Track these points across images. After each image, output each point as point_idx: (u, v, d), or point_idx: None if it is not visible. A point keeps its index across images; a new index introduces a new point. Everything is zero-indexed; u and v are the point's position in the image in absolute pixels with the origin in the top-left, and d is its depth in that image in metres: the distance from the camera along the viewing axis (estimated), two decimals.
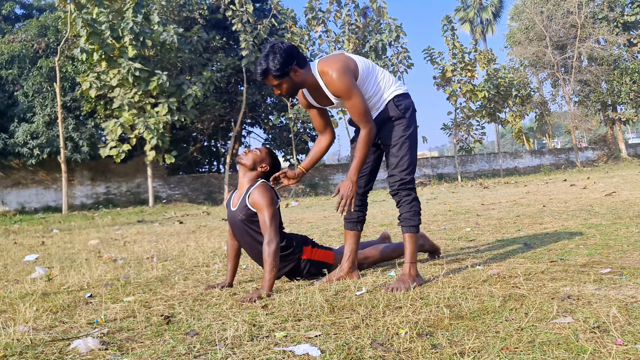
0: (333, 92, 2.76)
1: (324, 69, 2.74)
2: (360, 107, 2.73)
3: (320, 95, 2.87)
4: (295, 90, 2.83)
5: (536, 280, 2.56)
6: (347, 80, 2.70)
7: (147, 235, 7.93)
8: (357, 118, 2.75)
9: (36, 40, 20.67)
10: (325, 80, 2.76)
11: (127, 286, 3.43)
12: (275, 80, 2.73)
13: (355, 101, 2.72)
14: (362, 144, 2.76)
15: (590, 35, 29.47)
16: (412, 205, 2.83)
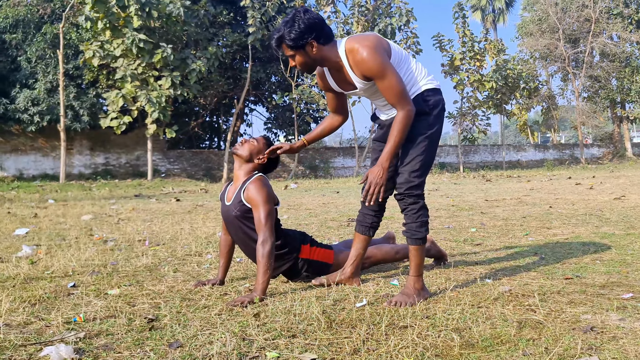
0: (363, 72, 2.46)
1: (353, 46, 2.46)
2: (397, 86, 2.44)
3: (342, 78, 2.60)
4: (311, 67, 2.57)
5: (552, 303, 2.36)
6: (379, 57, 2.42)
7: (142, 213, 7.75)
8: (395, 99, 2.45)
9: (42, 6, 20.25)
10: (353, 60, 2.47)
11: (114, 275, 3.25)
12: (289, 51, 2.51)
13: (391, 80, 2.43)
14: (399, 127, 2.45)
15: (604, 31, 29.01)
16: (419, 215, 2.57)
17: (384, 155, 2.49)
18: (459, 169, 24.99)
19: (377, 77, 2.44)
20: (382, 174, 2.48)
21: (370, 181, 2.49)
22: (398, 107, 2.46)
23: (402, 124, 2.46)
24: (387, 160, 2.48)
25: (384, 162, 2.49)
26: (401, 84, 2.45)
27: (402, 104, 2.46)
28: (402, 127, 2.46)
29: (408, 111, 2.46)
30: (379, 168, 2.49)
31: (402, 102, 2.46)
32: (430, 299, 2.50)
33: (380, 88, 2.47)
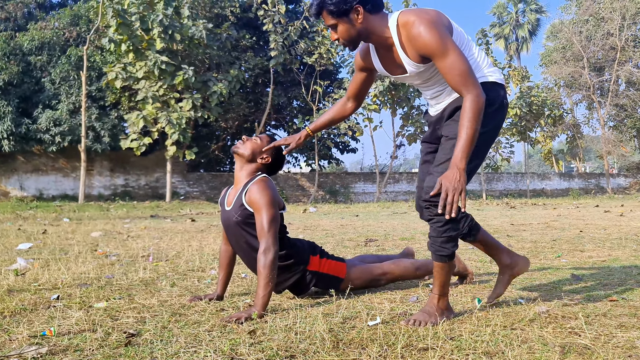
0: (419, 49, 2.07)
1: (408, 19, 2.08)
2: (462, 65, 2.03)
3: (391, 59, 2.21)
4: (355, 40, 2.17)
5: (599, 326, 2.01)
6: (439, 31, 2.04)
7: (153, 231, 7.52)
8: (459, 79, 2.04)
9: (68, 29, 20.63)
10: (406, 35, 2.08)
11: (106, 288, 2.98)
12: (330, 19, 2.12)
13: (454, 58, 2.03)
14: (469, 115, 2.01)
15: (630, 59, 28.48)
16: (446, 230, 2.13)
17: (457, 154, 2.02)
18: (481, 196, 24.44)
19: (436, 54, 2.05)
20: (460, 177, 2.00)
21: (447, 188, 1.99)
22: (464, 90, 2.04)
23: (472, 110, 2.02)
24: (462, 159, 2.01)
25: (459, 162, 2.01)
26: (467, 63, 2.05)
27: (468, 87, 2.04)
28: (473, 115, 2.02)
29: (477, 96, 2.03)
30: (454, 170, 2.01)
31: (469, 84, 2.04)
32: (454, 320, 2.16)
33: (441, 68, 2.07)
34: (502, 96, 2.22)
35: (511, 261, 2.50)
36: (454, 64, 2.04)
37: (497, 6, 45.18)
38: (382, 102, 21.05)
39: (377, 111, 21.09)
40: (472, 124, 2.02)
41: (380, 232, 6.79)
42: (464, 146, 2.02)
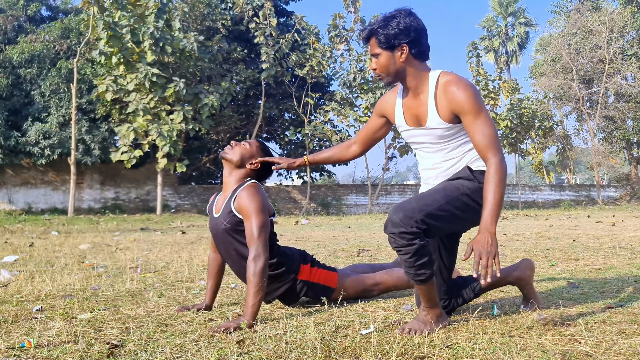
0: (453, 106, 2.09)
1: (450, 77, 2.14)
2: (491, 128, 2.07)
3: (414, 108, 2.22)
4: (391, 76, 2.18)
5: (599, 333, 1.95)
6: (477, 93, 2.10)
7: (142, 243, 7.41)
8: (487, 141, 2.05)
9: (58, 42, 20.55)
10: (444, 91, 2.12)
11: (91, 299, 2.89)
12: (376, 48, 2.16)
13: (486, 119, 2.07)
14: (495, 179, 2.00)
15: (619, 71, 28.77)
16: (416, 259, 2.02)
17: (486, 219, 1.98)
18: None
19: (471, 112, 2.07)
20: (491, 241, 1.94)
21: (480, 252, 1.93)
22: (490, 152, 2.05)
23: (498, 174, 2.02)
24: (492, 223, 1.98)
25: (489, 227, 1.97)
26: (495, 129, 2.09)
27: (495, 150, 2.05)
28: (499, 179, 2.02)
29: (502, 160, 2.04)
30: (485, 235, 1.95)
31: (495, 147, 2.05)
32: (451, 327, 2.10)
33: (472, 127, 2.08)
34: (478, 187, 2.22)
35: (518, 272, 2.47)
36: (485, 124, 2.07)
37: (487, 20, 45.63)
38: None
39: None
40: (499, 188, 2.01)
41: (373, 242, 6.72)
42: (493, 210, 1.99)
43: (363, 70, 21.12)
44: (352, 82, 20.93)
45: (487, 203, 2.00)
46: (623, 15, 27.15)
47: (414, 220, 1.99)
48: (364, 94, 20.87)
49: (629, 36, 28.62)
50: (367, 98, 20.50)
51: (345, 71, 21.63)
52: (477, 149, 2.09)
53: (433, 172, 2.28)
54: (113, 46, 17.14)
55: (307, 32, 21.60)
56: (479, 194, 2.09)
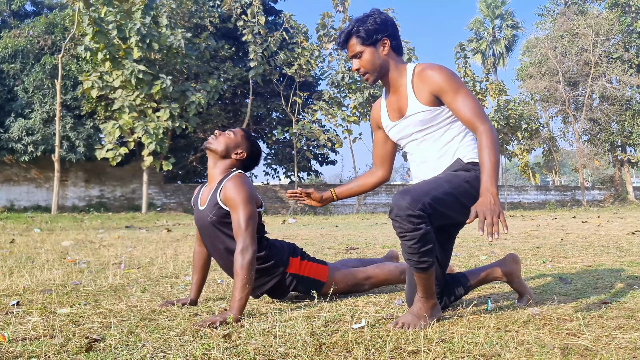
0: (431, 87, 2.11)
1: (426, 65, 2.18)
2: (473, 100, 2.09)
3: (395, 103, 2.25)
4: (377, 71, 2.21)
5: (597, 327, 1.90)
6: (452, 72, 2.13)
7: (127, 241, 7.28)
8: (473, 112, 2.06)
9: (42, 37, 20.23)
10: (419, 77, 2.15)
11: (71, 294, 2.78)
12: (359, 46, 2.19)
13: (466, 93, 2.09)
14: (489, 145, 2.00)
15: (604, 74, 29.04)
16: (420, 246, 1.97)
17: (487, 180, 1.96)
18: None
19: (449, 90, 2.09)
20: (494, 200, 1.90)
21: (484, 212, 1.88)
22: (478, 121, 2.06)
23: (489, 140, 2.02)
24: (491, 184, 1.95)
25: (490, 187, 1.94)
26: (477, 101, 2.10)
27: (482, 119, 2.06)
28: (491, 144, 2.01)
29: (491, 128, 2.04)
30: (487, 196, 1.91)
31: (482, 117, 2.07)
32: (445, 322, 2.03)
33: (454, 103, 2.09)
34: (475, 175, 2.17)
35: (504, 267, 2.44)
36: (466, 98, 2.09)
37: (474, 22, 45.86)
38: (362, 114, 21.05)
39: (357, 123, 21.07)
40: (493, 151, 2.01)
41: (361, 240, 6.66)
42: (491, 173, 1.98)
43: (351, 69, 21.08)
44: (340, 82, 20.87)
45: (484, 167, 1.99)
46: (609, 18, 27.43)
47: (421, 202, 1.95)
48: (352, 93, 20.82)
49: (614, 40, 28.91)
50: (355, 98, 20.46)
51: (334, 70, 21.59)
52: (464, 122, 2.09)
53: (424, 166, 2.25)
54: (99, 42, 16.91)
55: (296, 31, 21.51)
56: (478, 182, 2.04)
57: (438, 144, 2.20)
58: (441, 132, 2.19)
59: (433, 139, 2.20)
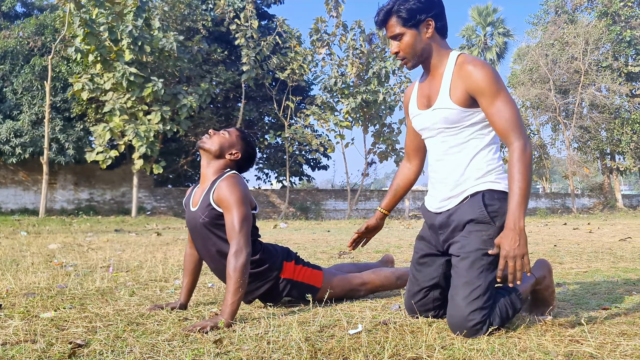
0: (469, 85, 1.91)
1: (467, 58, 1.96)
2: (513, 109, 1.88)
3: (427, 89, 2.05)
4: (417, 56, 2.00)
5: (600, 334, 1.85)
6: (496, 73, 1.91)
7: (116, 244, 7.17)
8: (509, 124, 1.86)
9: (32, 38, 20.04)
10: (460, 70, 1.94)
11: (57, 297, 2.69)
12: (398, 27, 1.97)
13: (506, 99, 1.87)
14: (521, 167, 1.82)
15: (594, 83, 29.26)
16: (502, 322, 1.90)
17: (513, 213, 1.80)
18: None
19: (488, 93, 1.88)
20: (520, 239, 1.77)
21: (507, 254, 1.77)
22: (513, 135, 1.86)
23: (523, 161, 1.83)
24: (519, 218, 1.79)
25: (517, 222, 1.79)
26: (517, 110, 1.89)
27: (518, 133, 1.86)
28: (524, 166, 1.83)
29: (526, 145, 1.85)
30: (513, 232, 1.78)
31: (518, 130, 1.86)
32: (445, 327, 1.97)
33: (490, 109, 1.89)
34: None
35: None
36: (505, 105, 1.88)
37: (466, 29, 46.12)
38: (354, 119, 21.02)
39: (349, 128, 21.04)
40: (525, 176, 1.83)
41: None
42: (520, 203, 1.81)
43: (344, 74, 21.06)
44: (333, 87, 20.83)
45: (513, 195, 1.82)
46: (598, 27, 27.66)
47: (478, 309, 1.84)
48: (344, 98, 20.79)
49: (603, 48, 29.15)
50: (347, 103, 20.43)
51: (327, 75, 21.54)
52: (498, 133, 1.92)
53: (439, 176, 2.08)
54: (90, 44, 16.76)
55: (289, 35, 21.47)
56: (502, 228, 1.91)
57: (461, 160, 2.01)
58: (464, 138, 2.00)
59: (455, 146, 2.01)
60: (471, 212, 1.97)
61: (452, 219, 2.03)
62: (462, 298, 1.86)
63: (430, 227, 2.15)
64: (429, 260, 2.14)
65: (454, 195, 2.03)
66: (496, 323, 1.85)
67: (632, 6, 28.63)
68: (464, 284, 1.89)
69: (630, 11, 28.34)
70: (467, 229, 1.97)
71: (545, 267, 2.24)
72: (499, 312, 1.89)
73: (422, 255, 2.16)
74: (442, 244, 2.09)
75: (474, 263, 1.89)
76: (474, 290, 1.86)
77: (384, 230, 11.06)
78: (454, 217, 2.02)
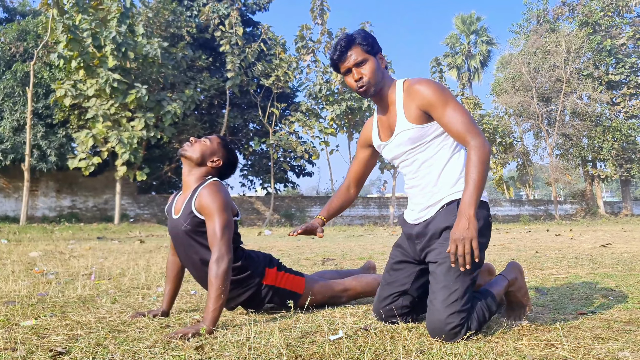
0: (419, 102, 2.02)
1: (414, 79, 2.09)
2: (464, 113, 1.99)
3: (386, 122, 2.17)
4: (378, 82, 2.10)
5: (575, 338, 1.89)
6: (442, 86, 2.04)
7: (98, 252, 7.11)
8: (463, 126, 1.97)
9: (14, 44, 19.84)
10: (408, 92, 2.06)
11: (37, 305, 2.67)
12: (361, 55, 2.08)
13: (456, 106, 1.99)
14: (477, 162, 1.92)
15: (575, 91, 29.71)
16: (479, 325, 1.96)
17: (465, 200, 1.89)
18: None
19: (438, 105, 1.99)
20: (469, 224, 1.85)
21: (457, 237, 1.85)
22: (469, 136, 1.96)
23: (479, 158, 1.93)
24: (470, 205, 1.88)
25: (468, 209, 1.88)
26: (469, 114, 2.00)
27: (473, 133, 1.97)
28: (481, 162, 1.93)
29: (482, 143, 1.95)
30: (464, 219, 1.86)
31: (473, 131, 1.97)
32: (423, 332, 2.00)
33: (443, 118, 2.00)
34: (487, 215, 2.09)
35: None
36: (455, 112, 1.99)
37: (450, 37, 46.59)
38: (339, 126, 21.11)
39: (334, 135, 21.12)
40: (480, 169, 1.93)
41: (338, 252, 6.62)
42: (473, 193, 1.91)
43: (329, 82, 21.16)
44: (317, 94, 20.92)
45: (468, 185, 1.92)
46: (579, 37, 28.12)
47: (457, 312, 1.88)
48: (329, 105, 20.88)
49: (584, 57, 29.63)
50: (332, 109, 20.52)
51: (311, 82, 21.63)
52: (455, 137, 2.01)
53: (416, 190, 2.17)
54: (73, 50, 16.65)
55: (274, 42, 21.53)
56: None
57: (428, 166, 2.10)
58: (432, 151, 2.09)
59: (425, 160, 2.11)
60: (447, 219, 2.05)
61: (428, 227, 2.11)
62: (440, 301, 1.91)
63: (408, 237, 2.22)
64: (403, 267, 2.22)
65: (431, 204, 2.11)
66: (474, 327, 1.90)
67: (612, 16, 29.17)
68: (441, 288, 1.94)
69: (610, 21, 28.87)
70: (443, 236, 2.05)
71: (517, 269, 2.32)
72: (476, 316, 1.94)
73: (397, 261, 2.24)
74: (419, 253, 2.16)
75: (451, 268, 1.95)
76: (452, 293, 1.91)
77: (368, 237, 11.09)
78: (430, 226, 2.10)
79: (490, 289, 2.13)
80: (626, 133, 28.51)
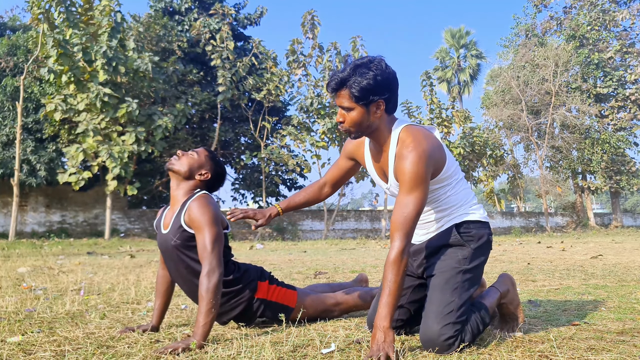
0: (397, 169, 1.96)
1: (407, 137, 1.96)
2: (411, 212, 1.88)
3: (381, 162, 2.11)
4: (362, 131, 2.01)
5: (569, 349, 1.88)
6: (422, 169, 1.89)
7: (88, 267, 7.03)
8: (398, 223, 1.88)
9: (4, 59, 19.79)
10: (399, 150, 1.96)
11: (25, 321, 2.63)
12: (348, 102, 1.94)
13: (411, 201, 1.89)
14: (392, 266, 1.83)
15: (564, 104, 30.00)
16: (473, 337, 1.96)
17: (381, 313, 1.80)
18: None
19: (404, 186, 1.91)
20: (386, 338, 1.76)
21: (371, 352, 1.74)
22: (395, 235, 1.88)
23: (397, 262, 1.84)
24: (384, 317, 1.79)
25: (383, 321, 1.79)
26: (417, 212, 1.89)
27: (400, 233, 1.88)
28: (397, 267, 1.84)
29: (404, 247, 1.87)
30: (380, 332, 1.77)
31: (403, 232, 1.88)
32: (416, 344, 1.98)
33: (399, 198, 1.92)
34: (488, 233, 2.13)
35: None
36: (409, 204, 1.89)
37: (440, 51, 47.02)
38: (331, 140, 21.15)
39: (326, 148, 21.14)
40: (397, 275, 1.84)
41: (330, 265, 6.59)
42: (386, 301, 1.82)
43: (320, 95, 21.23)
44: (309, 107, 20.97)
45: (382, 291, 1.84)
46: (567, 50, 28.47)
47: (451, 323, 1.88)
48: (321, 119, 20.93)
49: (572, 70, 29.98)
50: (324, 123, 20.56)
51: (303, 96, 21.68)
52: (391, 222, 1.94)
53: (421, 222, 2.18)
54: (63, 64, 16.61)
55: (265, 56, 21.61)
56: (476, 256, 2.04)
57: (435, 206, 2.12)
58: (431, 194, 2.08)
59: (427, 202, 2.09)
60: (445, 238, 2.08)
61: (427, 245, 2.15)
62: (435, 313, 1.90)
63: None
64: None
65: (432, 231, 2.15)
66: (467, 339, 1.89)
67: (599, 30, 29.58)
68: (438, 300, 1.94)
69: (597, 34, 29.27)
70: (441, 252, 2.07)
71: (509, 281, 2.32)
72: (470, 329, 1.93)
73: None
74: (417, 269, 2.18)
75: (448, 280, 1.96)
76: (447, 305, 1.91)
77: (360, 250, 11.06)
78: (428, 245, 2.14)
79: (482, 301, 2.12)
80: (615, 145, 28.79)
